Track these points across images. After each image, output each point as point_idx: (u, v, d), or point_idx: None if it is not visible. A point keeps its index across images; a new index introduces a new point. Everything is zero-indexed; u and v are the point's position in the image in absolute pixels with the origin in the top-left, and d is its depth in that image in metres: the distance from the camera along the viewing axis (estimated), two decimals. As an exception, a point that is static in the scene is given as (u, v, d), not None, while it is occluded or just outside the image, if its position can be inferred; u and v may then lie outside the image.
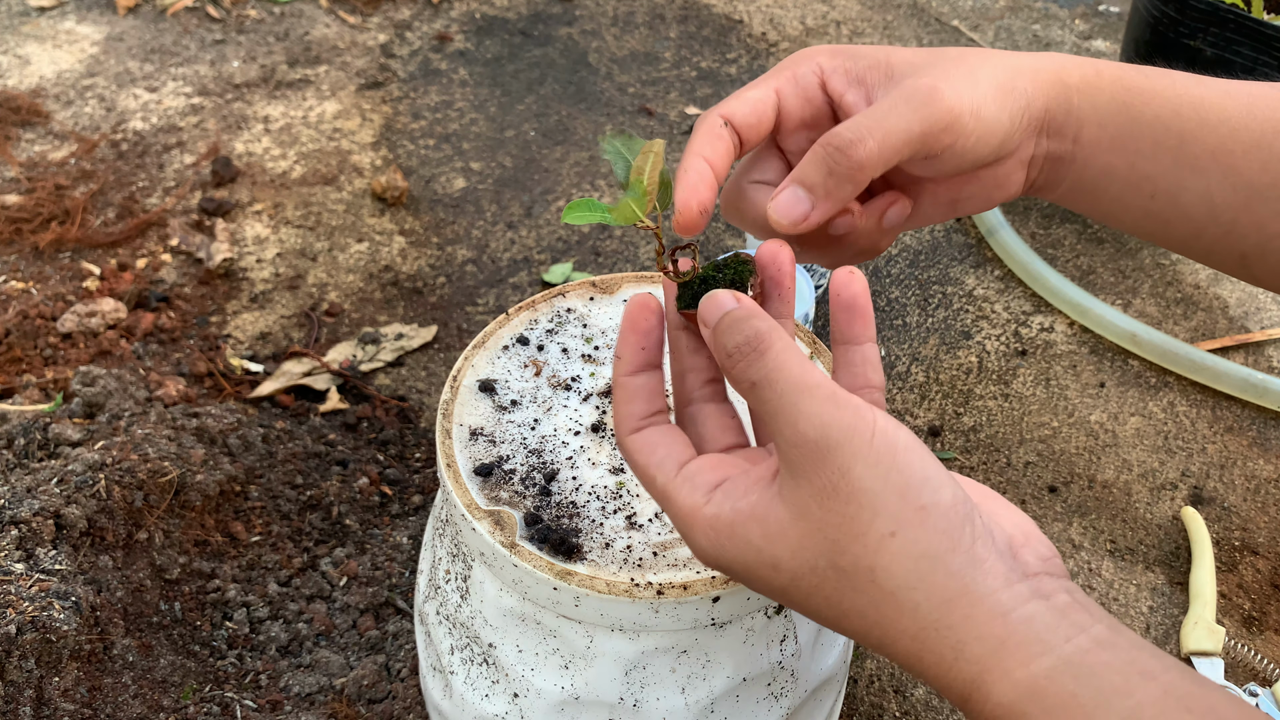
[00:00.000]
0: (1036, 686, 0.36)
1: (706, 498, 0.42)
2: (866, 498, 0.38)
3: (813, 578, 0.40)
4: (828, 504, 0.39)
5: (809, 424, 0.39)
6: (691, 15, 1.61)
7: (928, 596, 0.38)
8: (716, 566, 0.43)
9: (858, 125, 0.47)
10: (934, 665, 0.38)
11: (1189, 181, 0.54)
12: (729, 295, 0.44)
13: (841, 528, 0.39)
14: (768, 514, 0.40)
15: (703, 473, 0.43)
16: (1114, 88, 0.53)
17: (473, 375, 0.61)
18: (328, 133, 1.33)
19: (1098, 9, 1.67)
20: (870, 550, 0.38)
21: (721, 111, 0.51)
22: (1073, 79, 0.53)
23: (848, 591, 0.39)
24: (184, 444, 0.84)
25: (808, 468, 0.39)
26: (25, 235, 1.14)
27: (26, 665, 0.66)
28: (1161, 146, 0.54)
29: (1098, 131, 0.54)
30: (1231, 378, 1.01)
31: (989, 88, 0.50)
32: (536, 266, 1.16)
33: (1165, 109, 0.53)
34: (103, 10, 1.55)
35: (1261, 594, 0.86)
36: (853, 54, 0.52)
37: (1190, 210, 0.56)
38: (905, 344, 1.08)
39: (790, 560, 0.40)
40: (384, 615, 0.81)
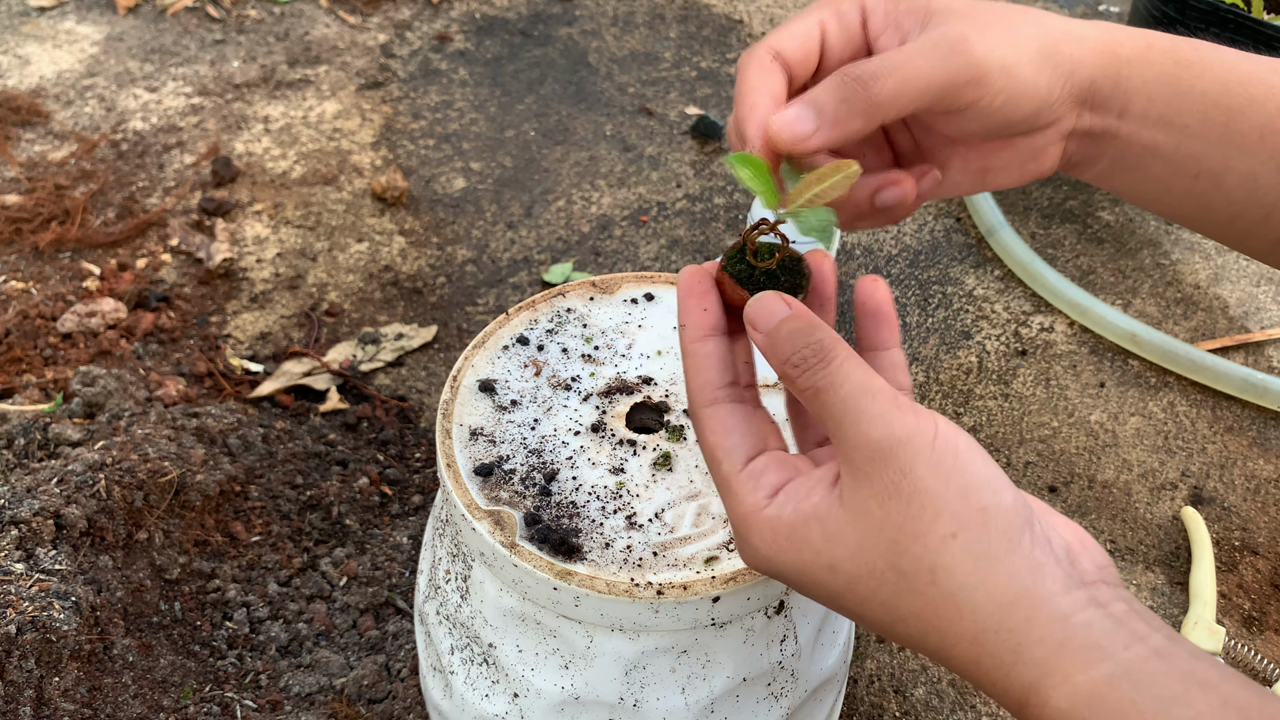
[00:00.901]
0: (1096, 693, 0.36)
1: (769, 499, 0.42)
2: (928, 498, 0.38)
3: (871, 580, 0.39)
4: (889, 504, 0.38)
5: (872, 426, 0.39)
6: (691, 15, 1.61)
7: (988, 598, 0.37)
8: (769, 569, 0.42)
9: (880, 61, 0.45)
10: (992, 670, 0.38)
11: (1234, 161, 0.53)
12: (779, 301, 0.44)
13: (902, 528, 0.38)
14: (828, 515, 0.40)
15: (769, 472, 0.43)
16: (1165, 60, 0.51)
17: (473, 375, 0.61)
18: (328, 133, 1.33)
19: (1098, 9, 1.67)
20: (931, 551, 0.38)
21: (771, 45, 0.49)
22: (1124, 50, 0.51)
23: (906, 594, 0.39)
24: (184, 444, 0.84)
25: (870, 469, 0.39)
26: (25, 235, 1.14)
27: (26, 665, 0.66)
28: (1210, 122, 0.52)
29: (1145, 105, 0.52)
30: (1231, 378, 1.01)
31: (1029, 47, 0.48)
32: (536, 266, 1.16)
33: (1214, 84, 0.51)
34: (103, 10, 1.55)
35: (1261, 594, 0.86)
36: None
37: (1233, 191, 0.54)
38: (905, 344, 1.08)
39: (848, 562, 0.40)
40: (384, 615, 0.81)
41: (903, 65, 0.45)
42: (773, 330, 0.43)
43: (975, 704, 0.78)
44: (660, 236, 1.20)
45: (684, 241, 1.20)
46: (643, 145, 1.34)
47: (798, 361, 0.41)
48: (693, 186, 1.28)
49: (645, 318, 0.65)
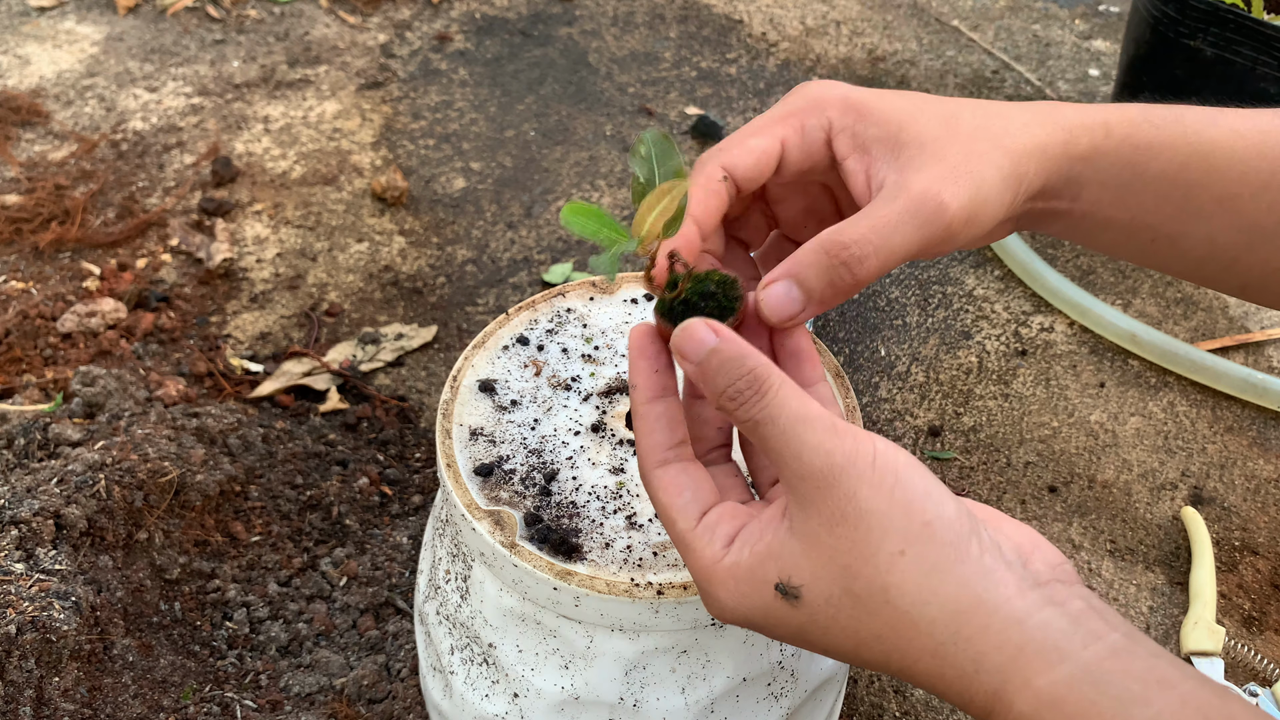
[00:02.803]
0: (1056, 695, 0.36)
1: (725, 549, 0.42)
2: (875, 519, 0.38)
3: (829, 608, 0.40)
4: (837, 530, 0.39)
5: (813, 455, 0.39)
6: (691, 15, 1.61)
7: (941, 610, 0.38)
8: (736, 618, 0.43)
9: (864, 240, 0.46)
10: (956, 681, 0.38)
11: (1191, 228, 0.53)
12: (705, 329, 0.43)
13: (852, 552, 0.39)
14: (781, 550, 0.41)
15: (722, 523, 0.43)
16: (1122, 148, 0.52)
17: (473, 375, 0.61)
18: (328, 133, 1.33)
19: (1098, 9, 1.67)
20: (882, 571, 0.38)
21: (723, 162, 0.49)
22: (1080, 147, 0.51)
23: (864, 617, 0.39)
24: (184, 444, 0.84)
25: (815, 497, 0.39)
26: (25, 235, 1.14)
27: (26, 665, 0.66)
28: (1166, 200, 0.53)
29: (1099, 191, 0.53)
30: (1231, 378, 1.01)
31: (994, 183, 0.48)
32: (536, 266, 1.16)
33: (1173, 163, 0.52)
34: (103, 10, 1.55)
35: (1261, 594, 0.86)
36: (864, 114, 0.49)
37: (1191, 251, 0.55)
38: (905, 344, 1.08)
39: (806, 593, 0.40)
40: (384, 615, 0.81)
41: (885, 242, 0.46)
42: (703, 361, 0.42)
43: (975, 704, 0.79)
44: (660, 236, 1.20)
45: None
46: (643, 145, 1.34)
47: (734, 394, 0.42)
48: (693, 186, 1.28)
49: (645, 318, 0.65)
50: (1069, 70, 1.51)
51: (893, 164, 0.48)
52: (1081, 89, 1.47)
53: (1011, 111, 0.51)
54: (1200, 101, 1.19)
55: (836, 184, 0.53)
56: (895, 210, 0.46)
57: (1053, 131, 0.50)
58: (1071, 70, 1.51)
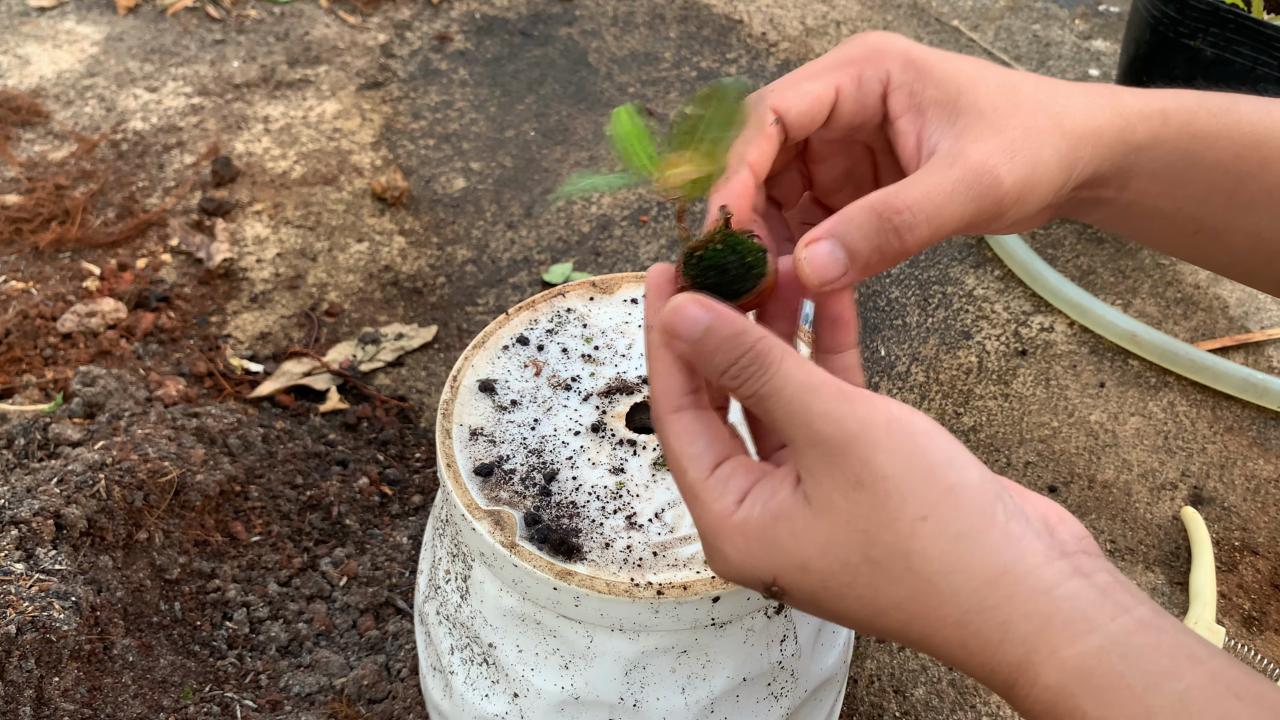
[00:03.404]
0: (1084, 667, 0.35)
1: (737, 504, 0.41)
2: (892, 484, 0.37)
3: (844, 575, 0.38)
4: (853, 496, 0.38)
5: (823, 422, 0.38)
6: (691, 15, 1.61)
7: (968, 578, 0.37)
8: (742, 576, 0.41)
9: (917, 206, 0.43)
10: (979, 651, 0.37)
11: (1239, 220, 0.52)
12: (697, 307, 0.40)
13: (870, 517, 0.37)
14: (794, 513, 0.39)
15: (735, 476, 0.41)
16: (1179, 137, 0.50)
17: (473, 375, 0.61)
18: (328, 133, 1.33)
19: (1098, 9, 1.67)
20: (903, 537, 0.37)
21: (775, 104, 0.46)
22: (1137, 135, 0.49)
23: (883, 585, 0.38)
24: (184, 444, 0.84)
25: (828, 464, 0.38)
26: (25, 235, 1.14)
27: (26, 665, 0.66)
28: (1216, 190, 0.51)
29: (1149, 182, 0.51)
30: (1231, 378, 1.01)
31: (1050, 164, 0.46)
32: (536, 266, 1.16)
33: (1228, 152, 0.50)
34: (103, 10, 1.55)
35: (1261, 594, 0.86)
36: (924, 72, 0.47)
37: (1235, 244, 0.54)
38: (905, 344, 1.08)
39: (820, 559, 0.39)
40: (384, 615, 0.81)
41: (938, 213, 0.44)
42: (699, 340, 0.41)
43: (975, 704, 0.78)
44: (660, 236, 1.20)
45: (684, 241, 1.20)
46: (643, 145, 1.34)
47: (735, 373, 0.40)
48: (693, 186, 1.28)
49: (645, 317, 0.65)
50: (1069, 70, 1.51)
51: (948, 130, 0.45)
52: (1081, 89, 1.47)
53: (1072, 90, 0.49)
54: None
55: (881, 147, 0.51)
56: (951, 179, 0.44)
57: (1111, 118, 0.48)
58: (1071, 70, 1.51)
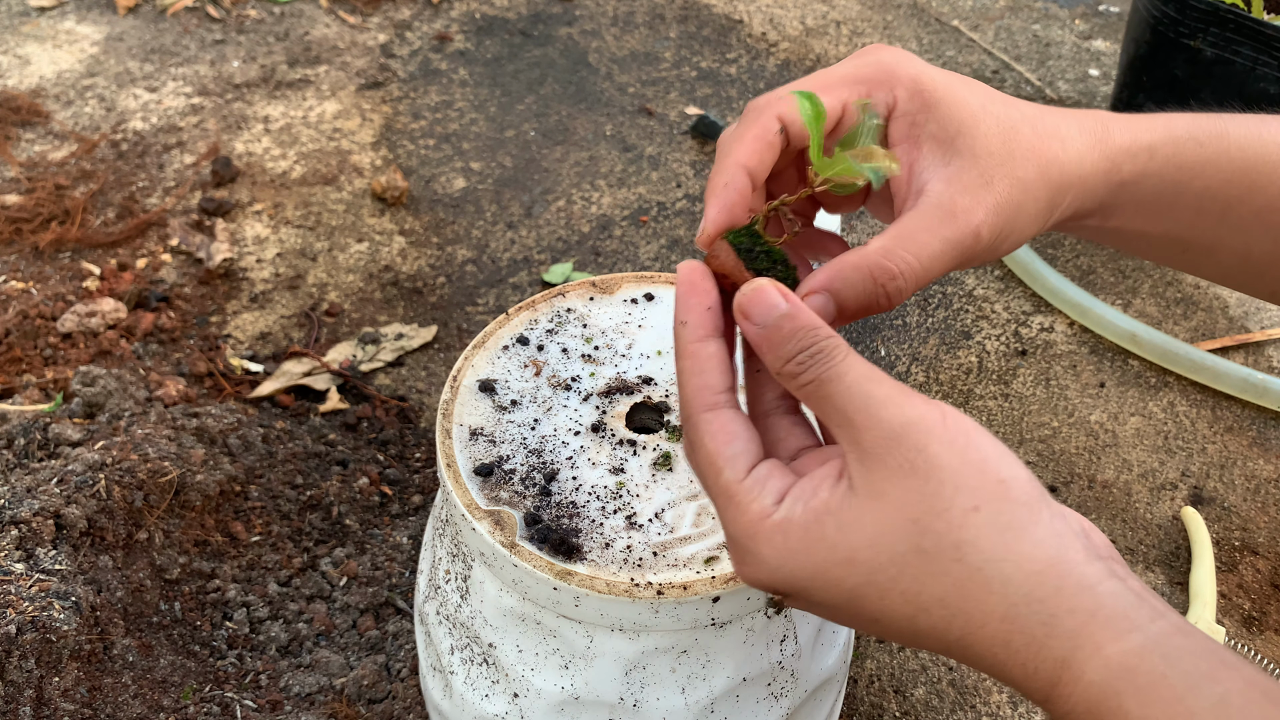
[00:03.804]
0: (1128, 664, 0.35)
1: (775, 505, 0.40)
2: (946, 474, 0.37)
3: (892, 568, 0.38)
4: (907, 483, 0.37)
5: (882, 408, 0.38)
6: (691, 15, 1.61)
7: (1016, 569, 0.36)
8: (778, 580, 0.40)
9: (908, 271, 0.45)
10: (1022, 649, 0.37)
11: (1227, 239, 0.53)
12: (775, 293, 0.42)
13: (922, 505, 0.37)
14: (841, 506, 0.39)
15: (773, 478, 0.41)
16: (1165, 169, 0.51)
17: (473, 375, 0.61)
18: (328, 133, 1.33)
19: (1098, 9, 1.67)
20: (955, 526, 0.37)
21: (782, 113, 0.47)
22: (1122, 174, 0.50)
23: (930, 577, 0.37)
24: (184, 444, 0.84)
25: (882, 450, 0.38)
26: (25, 235, 1.14)
27: (26, 665, 0.66)
28: (1203, 214, 0.52)
29: (1134, 210, 0.52)
30: (1231, 378, 1.01)
31: (1030, 215, 0.47)
32: (536, 266, 1.16)
33: (1215, 180, 0.51)
34: (103, 10, 1.55)
35: (1261, 594, 0.86)
36: (928, 106, 0.48)
37: (1224, 261, 0.55)
38: (905, 344, 1.08)
39: (868, 550, 0.38)
40: (384, 615, 0.81)
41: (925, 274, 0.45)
42: (772, 325, 0.41)
43: (975, 704, 0.78)
44: (660, 236, 1.20)
45: (684, 241, 1.20)
46: (643, 145, 1.34)
47: (803, 359, 0.40)
48: (693, 186, 1.28)
49: (645, 318, 0.65)
50: (1069, 70, 1.51)
51: (940, 169, 0.47)
52: (1081, 89, 1.47)
53: (1068, 135, 0.49)
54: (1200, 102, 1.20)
55: None
56: (939, 240, 0.46)
57: (1098, 161, 0.50)
58: (1071, 70, 1.51)
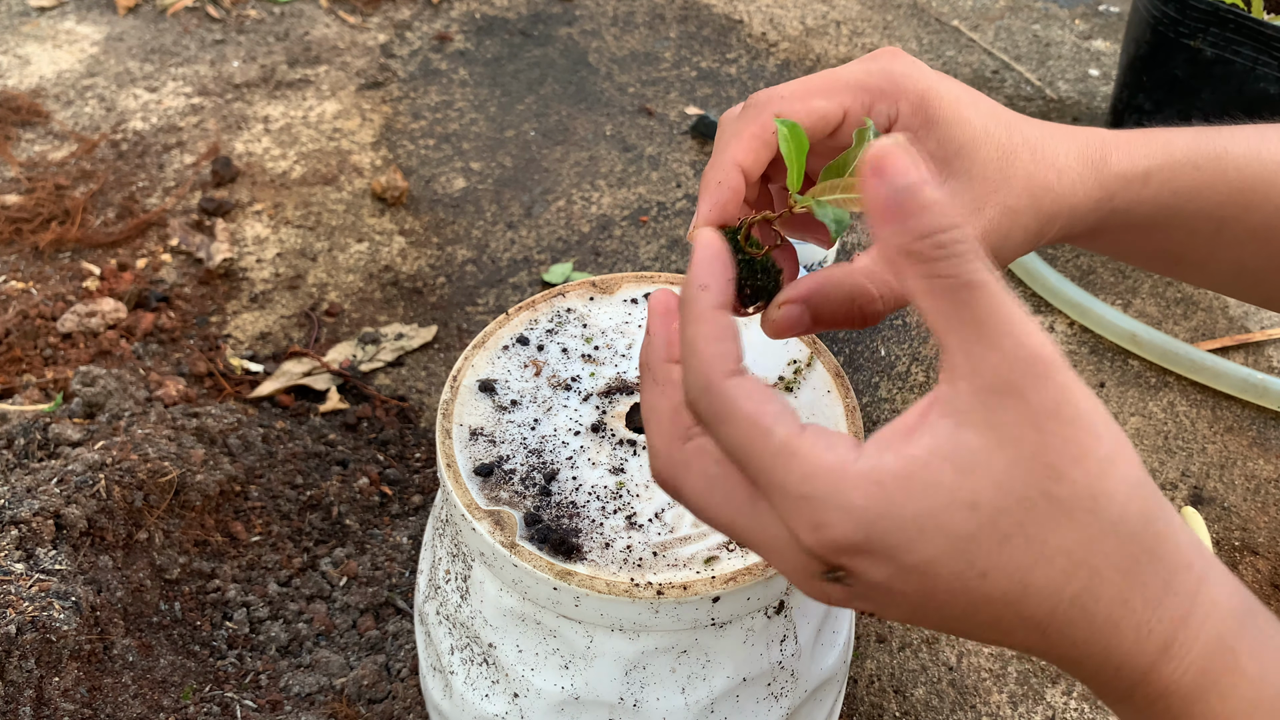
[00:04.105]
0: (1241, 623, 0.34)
1: (854, 453, 0.35)
2: (1088, 420, 0.34)
3: (1019, 512, 0.34)
4: (1048, 425, 0.34)
5: (1030, 338, 0.34)
6: (691, 15, 1.61)
7: (1144, 525, 0.35)
8: (873, 535, 0.35)
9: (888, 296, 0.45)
10: (1141, 607, 0.35)
11: (1220, 254, 0.53)
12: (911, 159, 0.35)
13: (1063, 451, 0.34)
14: (959, 447, 0.34)
15: (833, 434, 0.36)
16: (1159, 195, 0.50)
17: (473, 375, 0.61)
18: (328, 133, 1.33)
19: (1098, 9, 1.67)
20: (1093, 475, 0.34)
21: (781, 112, 0.46)
22: (1115, 202, 0.50)
23: (1058, 525, 0.34)
24: (184, 444, 0.84)
25: (1027, 385, 0.34)
26: (25, 235, 1.14)
27: (26, 665, 0.66)
28: (1197, 234, 0.51)
29: (1124, 231, 0.51)
30: (1231, 378, 1.01)
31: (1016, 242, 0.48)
32: (536, 266, 1.16)
33: (1211, 202, 0.50)
34: (103, 10, 1.55)
35: (1261, 594, 0.86)
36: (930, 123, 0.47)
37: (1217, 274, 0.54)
38: (905, 344, 1.08)
39: (994, 493, 0.34)
40: (384, 615, 0.81)
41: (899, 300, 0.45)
42: (912, 189, 0.34)
43: (975, 704, 0.78)
44: (660, 236, 1.20)
45: (684, 241, 1.20)
46: (643, 145, 1.34)
47: (943, 241, 0.34)
48: (693, 186, 1.28)
49: (645, 317, 0.65)
50: (1069, 70, 1.51)
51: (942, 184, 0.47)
52: (1081, 89, 1.47)
53: (1066, 162, 0.49)
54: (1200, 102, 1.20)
55: None
56: None
57: (1092, 190, 0.49)
58: (1071, 70, 1.51)
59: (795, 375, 0.61)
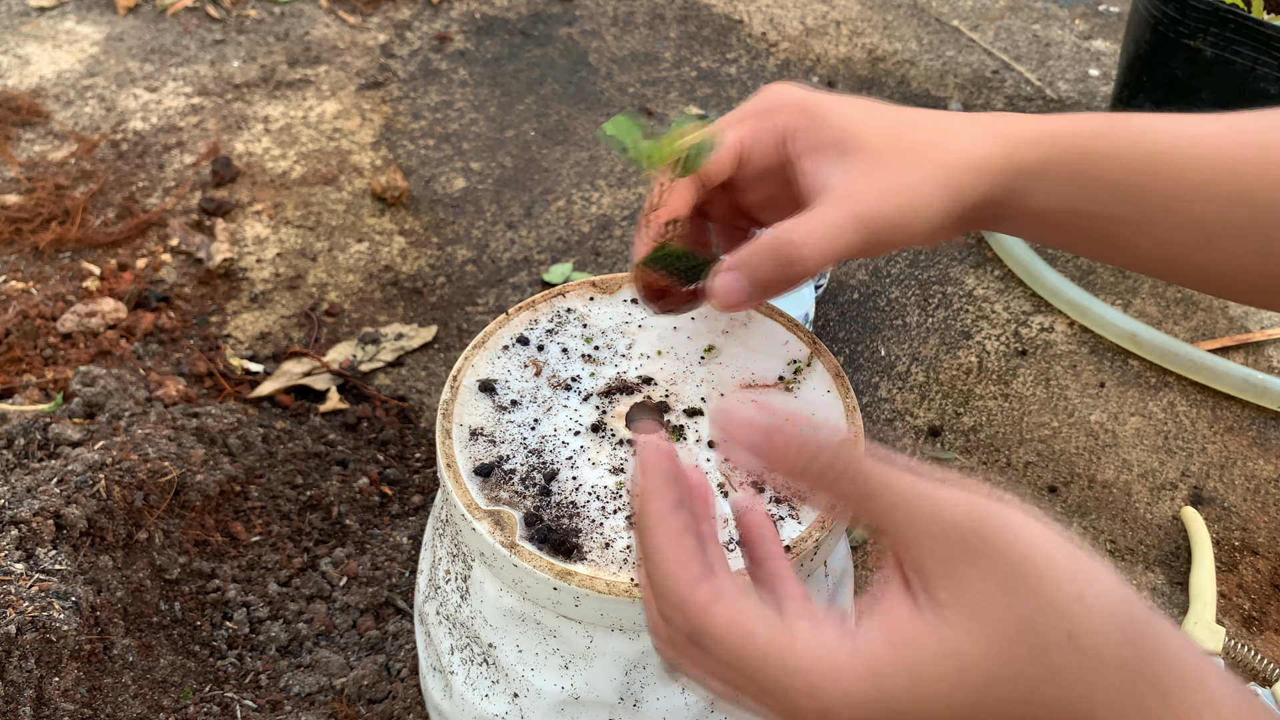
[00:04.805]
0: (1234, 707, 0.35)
1: (841, 633, 0.36)
2: (1043, 563, 0.35)
3: (1008, 671, 0.35)
4: (1007, 582, 0.35)
5: (955, 510, 0.36)
6: (691, 15, 1.61)
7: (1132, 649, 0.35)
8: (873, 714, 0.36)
9: (809, 241, 0.50)
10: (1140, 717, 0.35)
11: (1141, 230, 0.55)
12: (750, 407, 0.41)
13: (1029, 602, 0.35)
14: (937, 622, 0.35)
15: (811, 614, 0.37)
16: (1067, 157, 0.54)
17: (473, 375, 0.61)
18: (328, 133, 1.33)
19: (1098, 9, 1.67)
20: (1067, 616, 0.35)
21: None
22: (1023, 160, 0.54)
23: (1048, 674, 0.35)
24: (184, 444, 0.84)
25: (975, 554, 0.35)
26: (25, 235, 1.14)
27: (26, 665, 0.66)
28: (1113, 204, 0.55)
29: (1045, 200, 0.55)
30: (1231, 378, 1.01)
31: (927, 193, 0.52)
32: (536, 266, 1.16)
33: (1118, 170, 0.54)
34: (103, 10, 1.55)
35: (1261, 594, 0.86)
36: (816, 119, 0.54)
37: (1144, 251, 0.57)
38: (905, 344, 1.08)
39: (981, 662, 0.35)
40: (384, 615, 0.81)
41: (828, 246, 0.51)
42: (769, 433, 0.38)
43: (975, 704, 0.78)
44: (660, 236, 1.20)
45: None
46: (643, 145, 1.34)
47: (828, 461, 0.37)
48: (693, 186, 1.28)
49: (645, 318, 0.65)
50: (1069, 70, 1.51)
51: (837, 168, 0.52)
52: (1081, 89, 1.47)
53: (956, 124, 0.54)
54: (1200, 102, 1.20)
55: (793, 179, 0.57)
56: (838, 214, 0.51)
57: (992, 147, 0.53)
58: (1071, 70, 1.51)
59: (795, 375, 0.61)
